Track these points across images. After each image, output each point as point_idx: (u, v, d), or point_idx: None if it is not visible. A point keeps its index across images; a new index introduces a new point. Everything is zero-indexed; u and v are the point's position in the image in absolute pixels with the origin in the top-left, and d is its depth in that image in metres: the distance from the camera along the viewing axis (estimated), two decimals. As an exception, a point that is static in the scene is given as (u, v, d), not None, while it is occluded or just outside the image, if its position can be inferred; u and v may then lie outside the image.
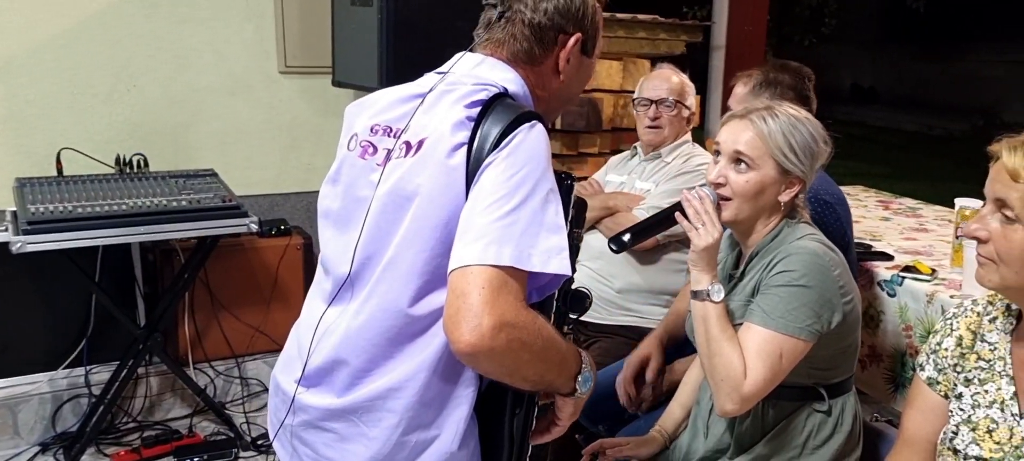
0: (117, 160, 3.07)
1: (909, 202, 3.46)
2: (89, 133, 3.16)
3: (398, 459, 1.27)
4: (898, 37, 15.92)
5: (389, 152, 1.30)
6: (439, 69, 1.42)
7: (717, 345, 1.54)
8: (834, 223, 2.02)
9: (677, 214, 1.63)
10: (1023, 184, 1.18)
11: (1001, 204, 1.21)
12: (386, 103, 1.38)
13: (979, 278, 1.27)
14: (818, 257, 1.55)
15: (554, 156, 3.58)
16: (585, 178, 2.88)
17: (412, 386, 1.25)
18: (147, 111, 3.27)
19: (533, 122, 1.24)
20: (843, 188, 3.67)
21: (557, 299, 1.34)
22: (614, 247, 1.67)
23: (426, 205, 1.23)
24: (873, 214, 3.19)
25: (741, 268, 1.69)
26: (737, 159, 1.60)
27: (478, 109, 1.25)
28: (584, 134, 3.63)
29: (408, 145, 1.28)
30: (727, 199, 1.61)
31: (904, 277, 2.27)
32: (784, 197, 1.61)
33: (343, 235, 1.34)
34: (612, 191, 2.68)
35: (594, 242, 2.51)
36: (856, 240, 2.59)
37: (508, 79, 1.33)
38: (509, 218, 1.14)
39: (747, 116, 1.61)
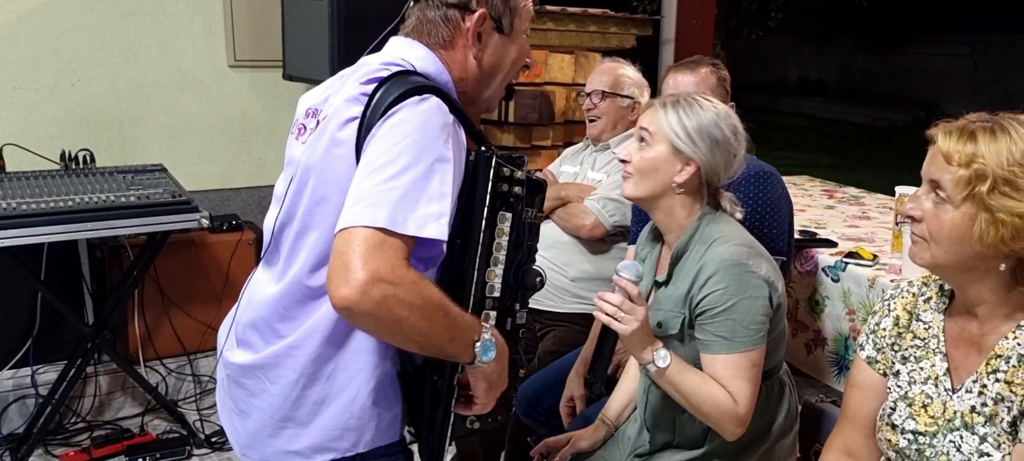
0: (62, 156, 3.01)
1: (852, 191, 3.56)
2: (32, 128, 3.09)
3: (298, 415, 1.35)
4: (843, 31, 16.27)
5: (306, 128, 1.41)
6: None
7: (695, 396, 1.58)
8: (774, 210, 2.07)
9: (598, 315, 1.60)
10: (955, 167, 1.23)
11: (935, 185, 1.27)
12: (320, 87, 1.46)
13: (912, 255, 1.33)
14: (740, 266, 1.59)
15: (507, 148, 3.62)
16: (539, 170, 2.91)
17: (308, 346, 1.33)
18: (92, 106, 3.21)
19: (426, 96, 1.28)
20: (790, 178, 3.78)
21: (510, 277, 1.37)
22: (594, 395, 1.72)
23: (320, 177, 1.32)
24: (818, 203, 3.28)
25: (665, 273, 1.72)
26: (641, 136, 1.70)
27: (373, 85, 1.31)
28: (537, 127, 3.66)
29: (318, 123, 1.38)
30: (629, 173, 1.70)
31: (847, 263, 2.34)
32: (679, 178, 1.65)
33: (274, 208, 1.45)
34: (565, 182, 2.71)
35: (548, 231, 2.54)
36: (801, 228, 2.66)
37: (418, 57, 1.39)
38: (389, 184, 1.19)
39: (654, 103, 1.72)
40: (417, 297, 1.18)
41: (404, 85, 1.29)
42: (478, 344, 1.29)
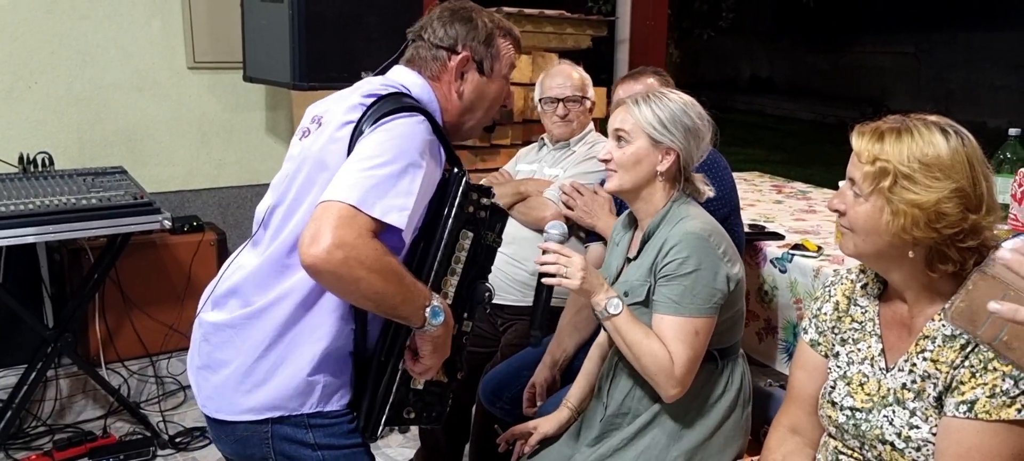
0: (20, 159, 3.00)
1: (800, 186, 3.69)
2: (-11, 132, 3.07)
3: (257, 374, 1.53)
4: (792, 30, 16.61)
5: (310, 131, 1.61)
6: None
7: (638, 347, 1.70)
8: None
9: (545, 280, 1.75)
10: (865, 163, 1.36)
11: (852, 181, 1.39)
12: (326, 99, 1.65)
13: (840, 246, 1.45)
14: (700, 237, 1.72)
15: (467, 147, 3.68)
16: (496, 169, 2.98)
17: (275, 313, 1.51)
18: (50, 109, 3.20)
19: (417, 114, 1.49)
20: (741, 174, 3.90)
21: (463, 289, 1.58)
22: (534, 343, 1.81)
23: (313, 167, 1.52)
24: (767, 198, 3.40)
25: (636, 249, 1.84)
26: (618, 137, 1.81)
27: (372, 98, 1.52)
28: (496, 126, 3.72)
29: (319, 125, 1.58)
30: (613, 172, 1.81)
31: (793, 254, 2.45)
32: (662, 167, 1.79)
33: (268, 196, 1.64)
34: (523, 178, 2.78)
35: (509, 227, 2.60)
36: (751, 222, 2.77)
37: (414, 83, 1.62)
38: (367, 172, 1.39)
39: (625, 101, 1.83)
40: (376, 262, 1.36)
41: (399, 103, 1.51)
42: (428, 309, 1.45)
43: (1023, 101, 12.51)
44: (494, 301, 2.60)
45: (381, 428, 1.59)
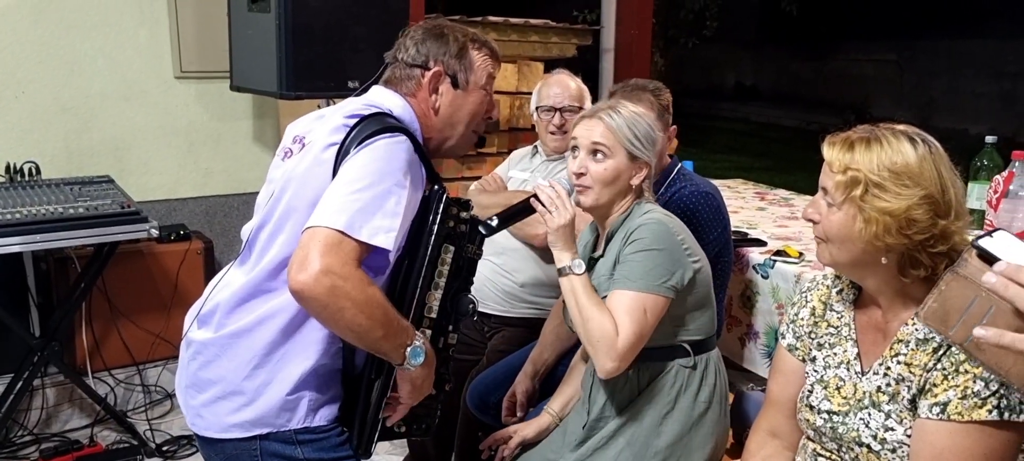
0: (7, 168, 3.00)
1: (783, 193, 3.73)
2: (-25, 142, 3.08)
3: (246, 392, 1.55)
4: (776, 38, 16.73)
5: (292, 152, 1.63)
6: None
7: (588, 312, 1.74)
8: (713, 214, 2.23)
9: (533, 201, 1.84)
10: (837, 173, 1.39)
11: (825, 190, 1.43)
12: (307, 118, 1.69)
13: (817, 255, 1.48)
14: (663, 225, 1.78)
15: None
16: (479, 177, 3.00)
17: (262, 332, 1.53)
18: (37, 118, 3.20)
19: (399, 135, 1.51)
20: (725, 182, 3.94)
21: (447, 302, 1.60)
22: (483, 231, 1.80)
23: (299, 187, 1.53)
24: (750, 205, 3.44)
25: (601, 248, 1.89)
26: (594, 150, 1.82)
27: (355, 119, 1.54)
28: (483, 134, 3.75)
29: (302, 146, 1.60)
30: (587, 187, 1.83)
31: (775, 260, 2.49)
32: (635, 180, 1.84)
33: (254, 217, 1.65)
34: (515, 189, 2.78)
35: (498, 238, 2.62)
36: (734, 229, 2.81)
37: (395, 104, 1.64)
38: (353, 196, 1.41)
39: (596, 114, 1.84)
40: (361, 293, 1.38)
41: (381, 123, 1.53)
42: (409, 348, 1.47)
43: (1005, 108, 12.66)
44: (482, 310, 2.64)
45: (374, 444, 1.62)
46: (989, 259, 1.02)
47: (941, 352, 1.33)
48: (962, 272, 1.04)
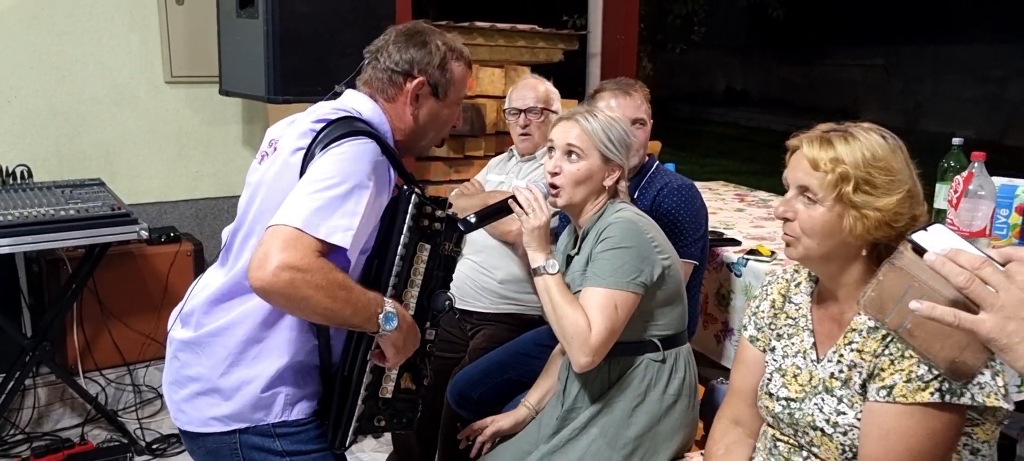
0: (-1, 171, 3.06)
1: (762, 194, 3.81)
2: (-32, 145, 3.13)
3: (224, 388, 1.61)
4: (764, 43, 16.86)
5: (267, 155, 1.68)
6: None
7: (561, 309, 1.81)
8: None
9: (511, 202, 1.91)
10: (821, 172, 1.44)
11: (804, 189, 1.48)
12: (282, 123, 1.73)
13: (787, 253, 1.54)
14: (633, 223, 1.85)
15: (440, 159, 3.76)
16: (467, 180, 3.07)
17: (238, 331, 1.59)
18: (29, 122, 3.26)
19: (364, 138, 1.54)
20: (707, 184, 4.02)
21: (424, 299, 1.65)
22: (462, 227, 1.85)
23: (269, 191, 1.59)
24: (730, 206, 3.52)
25: (577, 247, 1.96)
26: (569, 152, 1.89)
27: (322, 124, 1.58)
28: (469, 138, 3.82)
29: (275, 150, 1.65)
30: (561, 186, 1.90)
31: (748, 259, 2.56)
32: (608, 181, 1.91)
33: (236, 217, 1.69)
34: (492, 190, 2.87)
35: (476, 237, 2.70)
36: (710, 229, 2.88)
37: (365, 108, 1.67)
38: (313, 196, 1.45)
39: (573, 117, 1.91)
40: (323, 280, 1.42)
41: (348, 127, 1.57)
42: (380, 315, 1.51)
43: (990, 112, 12.78)
44: (463, 308, 2.71)
45: (351, 438, 1.66)
46: (922, 252, 1.09)
47: (888, 339, 1.40)
48: (898, 264, 1.11)
